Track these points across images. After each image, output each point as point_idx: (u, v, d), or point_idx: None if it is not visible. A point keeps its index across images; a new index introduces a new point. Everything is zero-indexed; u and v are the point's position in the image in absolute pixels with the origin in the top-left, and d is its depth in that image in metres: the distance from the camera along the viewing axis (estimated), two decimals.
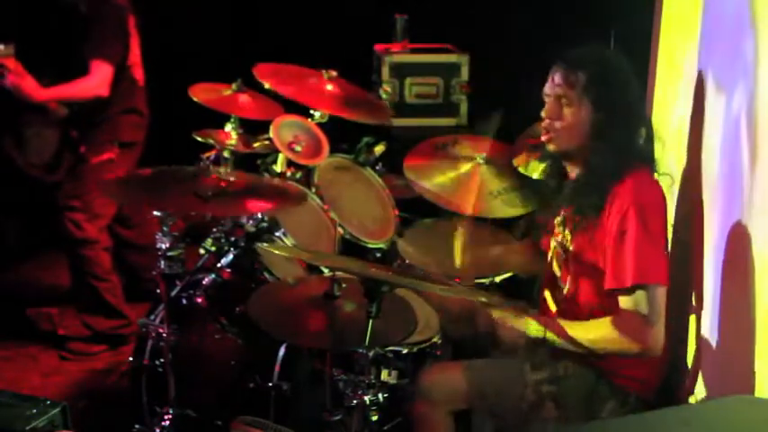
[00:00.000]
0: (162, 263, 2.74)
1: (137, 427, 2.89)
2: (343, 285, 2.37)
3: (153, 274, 2.82)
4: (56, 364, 3.76)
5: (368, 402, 2.33)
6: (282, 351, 2.79)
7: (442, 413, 2.50)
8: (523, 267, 2.86)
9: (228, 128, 3.25)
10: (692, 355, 2.58)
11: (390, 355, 2.69)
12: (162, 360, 2.84)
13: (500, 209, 3.24)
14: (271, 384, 2.76)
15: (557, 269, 2.54)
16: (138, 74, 3.84)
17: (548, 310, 2.58)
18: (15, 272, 4.56)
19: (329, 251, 3.17)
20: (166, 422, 2.80)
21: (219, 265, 3.06)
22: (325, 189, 3.30)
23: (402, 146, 3.51)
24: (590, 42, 2.44)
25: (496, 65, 4.66)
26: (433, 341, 2.76)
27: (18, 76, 3.49)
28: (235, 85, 3.45)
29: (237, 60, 3.44)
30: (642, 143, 2.43)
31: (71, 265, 3.86)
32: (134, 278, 4.11)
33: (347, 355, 2.58)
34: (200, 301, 2.97)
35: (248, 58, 3.44)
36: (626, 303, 2.28)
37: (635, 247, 2.25)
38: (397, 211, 3.45)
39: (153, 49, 3.93)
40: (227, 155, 3.02)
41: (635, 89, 2.43)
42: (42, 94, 3.60)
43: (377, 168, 3.56)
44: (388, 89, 4.68)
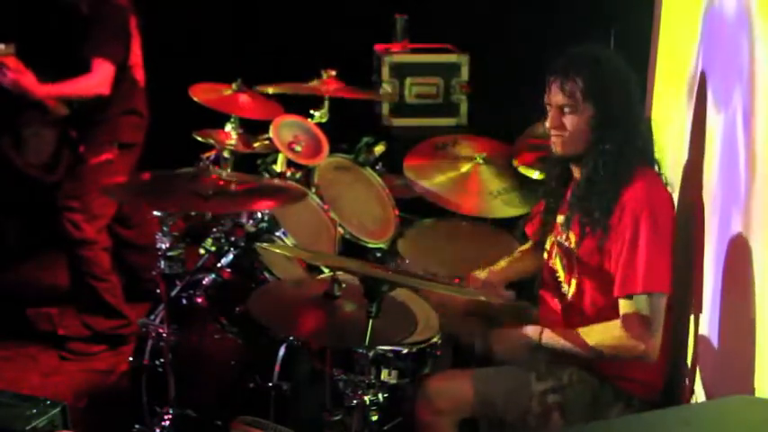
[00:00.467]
0: (162, 263, 2.74)
1: (137, 427, 2.89)
2: (343, 285, 2.37)
3: (153, 274, 2.82)
4: (56, 364, 3.76)
5: (368, 402, 2.33)
6: (282, 351, 2.79)
7: (447, 422, 2.48)
8: (528, 271, 2.85)
9: (228, 128, 3.26)
10: (691, 356, 2.58)
11: (390, 355, 2.68)
12: (162, 360, 2.84)
13: (500, 209, 3.25)
14: (271, 384, 2.75)
15: (559, 269, 2.54)
16: (139, 75, 3.84)
17: (549, 309, 2.58)
18: (15, 272, 4.56)
19: (329, 251, 3.17)
20: (166, 422, 2.80)
21: (219, 265, 3.06)
22: (326, 189, 3.30)
23: (402, 146, 3.52)
24: (587, 43, 2.43)
25: (496, 65, 4.66)
26: (433, 341, 2.76)
27: (18, 74, 3.49)
28: (235, 85, 3.45)
29: (237, 60, 3.45)
30: (643, 142, 2.43)
31: (70, 266, 3.86)
32: (134, 278, 4.11)
33: (347, 355, 2.58)
34: (200, 301, 2.97)
35: (248, 58, 3.45)
36: (627, 308, 2.28)
37: (647, 254, 2.25)
38: (397, 211, 3.45)
39: (153, 50, 3.93)
40: (227, 155, 3.02)
41: (633, 86, 2.42)
42: (43, 90, 3.59)
43: (377, 168, 3.57)
44: (388, 89, 4.69)
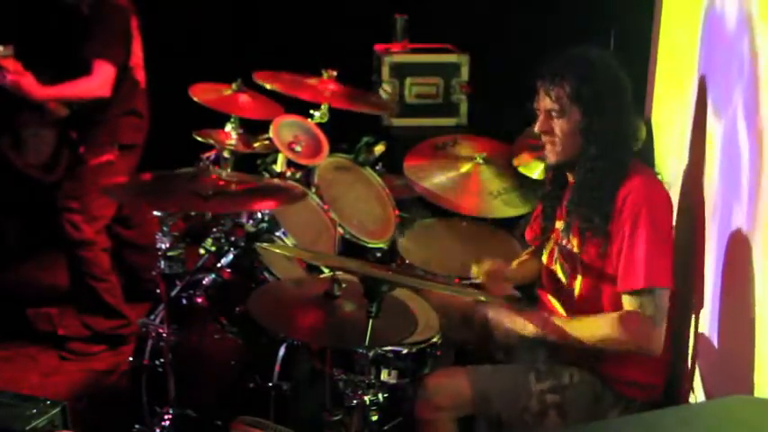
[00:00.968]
0: (162, 263, 2.73)
1: (137, 427, 2.89)
2: (343, 285, 2.37)
3: (153, 274, 2.82)
4: (56, 364, 3.76)
5: (368, 402, 2.33)
6: (282, 351, 2.79)
7: (446, 419, 2.48)
8: (530, 276, 2.85)
9: (228, 128, 3.26)
10: (691, 356, 2.58)
11: (390, 355, 2.68)
12: (162, 360, 2.83)
13: (500, 209, 3.25)
14: (271, 384, 2.75)
15: (561, 274, 2.53)
16: (140, 76, 3.83)
17: (549, 311, 2.58)
18: (15, 272, 4.56)
19: (329, 251, 3.17)
20: (166, 422, 2.80)
21: (219, 265, 3.06)
22: (326, 189, 3.30)
23: (402, 146, 3.52)
24: (580, 45, 2.41)
25: (496, 65, 4.66)
26: (433, 341, 2.76)
27: (17, 75, 3.49)
28: (235, 85, 3.45)
29: (237, 60, 3.44)
30: (639, 142, 2.43)
31: (69, 266, 3.86)
32: (134, 278, 4.11)
33: (347, 355, 2.58)
34: (200, 301, 2.97)
35: (248, 58, 3.45)
36: (631, 304, 2.28)
37: (646, 250, 2.25)
38: (397, 211, 3.45)
39: (153, 50, 3.93)
40: (227, 155, 3.02)
41: (624, 86, 2.39)
42: (42, 92, 3.58)
43: (377, 168, 3.56)
44: (388, 89, 4.68)
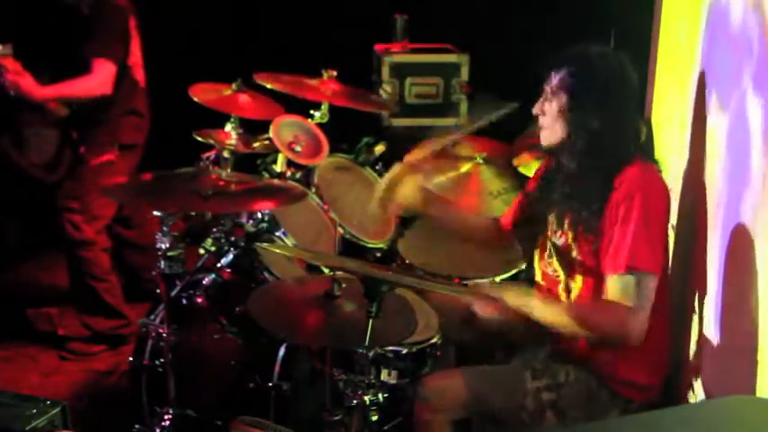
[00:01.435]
0: (162, 263, 2.73)
1: (137, 427, 2.89)
2: (343, 285, 2.37)
3: (153, 274, 2.82)
4: (56, 364, 3.76)
5: (368, 402, 2.33)
6: (282, 351, 2.79)
7: (442, 420, 2.48)
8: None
9: (228, 128, 3.25)
10: (692, 356, 2.58)
11: (390, 355, 2.68)
12: (162, 360, 2.83)
13: (500, 209, 3.25)
14: (271, 384, 2.75)
15: (558, 268, 2.53)
16: (139, 75, 3.84)
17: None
18: (15, 272, 4.56)
19: (329, 251, 3.17)
20: (166, 422, 2.80)
21: (219, 265, 3.06)
22: (326, 189, 3.30)
23: (402, 146, 3.52)
24: (585, 41, 2.42)
25: (496, 65, 4.66)
26: (433, 341, 2.76)
27: (17, 75, 3.49)
28: (235, 85, 3.45)
29: (237, 60, 3.44)
30: (638, 137, 2.42)
31: (69, 266, 3.86)
32: (134, 278, 4.11)
33: (347, 355, 2.58)
34: (200, 301, 2.97)
35: (248, 58, 3.44)
36: (614, 288, 2.26)
37: (634, 233, 2.24)
38: None
39: (153, 50, 3.93)
40: (227, 155, 3.02)
41: (623, 86, 2.39)
42: (42, 92, 3.58)
43: (377, 168, 3.56)
44: (388, 89, 4.68)
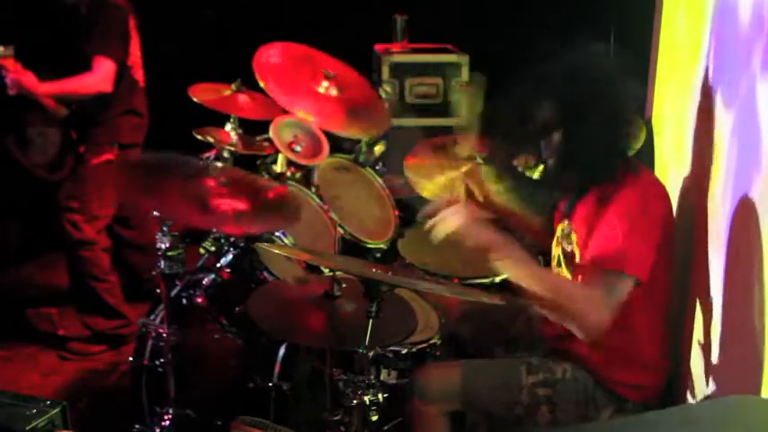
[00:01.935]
0: (162, 263, 2.73)
1: (137, 427, 2.89)
2: (344, 285, 2.37)
3: (153, 274, 2.82)
4: (56, 364, 3.76)
5: (368, 402, 2.33)
6: (282, 351, 2.79)
7: (437, 412, 2.48)
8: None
9: (228, 128, 3.25)
10: (694, 355, 2.57)
11: (390, 355, 2.68)
12: (162, 360, 2.83)
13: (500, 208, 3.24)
14: (271, 384, 2.75)
15: (569, 276, 2.51)
16: (138, 75, 3.84)
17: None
18: (15, 272, 4.56)
19: (329, 251, 3.17)
20: (166, 422, 2.80)
21: (219, 265, 3.06)
22: (325, 189, 3.30)
23: (402, 146, 3.52)
24: (577, 46, 2.38)
25: (496, 65, 4.65)
26: (433, 341, 2.76)
27: (17, 74, 3.50)
28: (235, 85, 3.45)
29: (237, 60, 3.44)
30: (633, 139, 2.41)
31: (69, 266, 3.86)
32: (134, 278, 4.12)
33: (347, 355, 2.58)
34: (200, 301, 2.97)
35: (248, 58, 3.44)
36: (594, 279, 2.25)
37: (627, 235, 2.23)
38: (397, 212, 3.45)
39: (153, 49, 3.93)
40: (226, 155, 3.02)
41: (606, 89, 2.33)
42: (44, 88, 3.59)
43: (377, 168, 3.56)
44: (388, 89, 4.68)
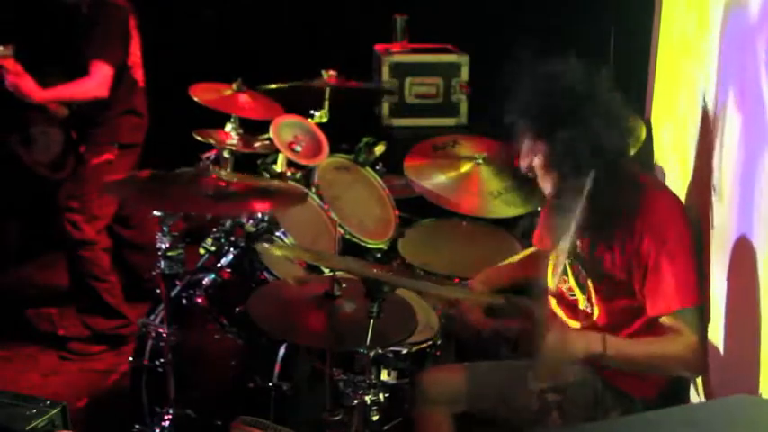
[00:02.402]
0: (162, 263, 2.73)
1: (137, 427, 2.89)
2: (344, 285, 2.37)
3: (153, 274, 2.82)
4: (56, 364, 3.76)
5: (368, 402, 2.33)
6: (282, 351, 2.79)
7: (442, 414, 2.48)
8: (528, 276, 2.82)
9: (228, 128, 3.25)
10: None
11: (390, 355, 2.68)
12: (162, 360, 2.83)
13: (500, 209, 3.25)
14: (271, 384, 2.75)
15: (575, 289, 2.48)
16: (139, 75, 3.84)
17: (563, 325, 2.51)
18: (15, 272, 4.56)
19: (329, 251, 3.17)
20: (166, 422, 2.80)
21: (219, 265, 3.06)
22: (325, 189, 3.30)
23: (402, 146, 3.52)
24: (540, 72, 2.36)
25: (496, 65, 4.65)
26: (433, 341, 2.76)
27: (17, 77, 3.49)
28: (235, 85, 3.45)
29: (237, 60, 3.44)
30: (632, 142, 2.40)
31: (70, 266, 3.86)
32: (134, 278, 4.11)
33: (347, 355, 2.58)
34: (200, 301, 2.97)
35: (248, 58, 3.44)
36: (671, 326, 2.25)
37: (674, 273, 2.23)
38: (397, 212, 3.45)
39: (153, 49, 3.93)
40: (227, 155, 3.02)
41: (596, 100, 2.28)
42: (41, 95, 3.59)
43: (377, 168, 3.56)
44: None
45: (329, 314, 2.36)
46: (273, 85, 3.42)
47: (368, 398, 2.32)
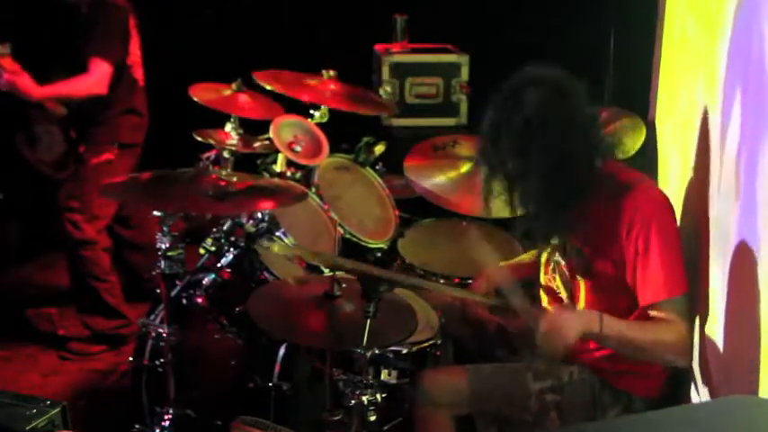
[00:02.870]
0: (162, 263, 2.73)
1: (137, 427, 2.89)
2: (343, 285, 2.37)
3: (153, 274, 2.82)
4: (56, 364, 3.76)
5: (367, 402, 2.33)
6: (282, 351, 2.79)
7: (444, 417, 2.48)
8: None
9: (228, 128, 3.25)
10: (696, 355, 2.57)
11: (390, 355, 2.68)
12: (162, 360, 2.83)
13: (500, 209, 3.24)
14: (271, 384, 2.75)
15: (560, 286, 2.50)
16: (138, 74, 3.84)
17: (562, 306, 2.52)
18: (15, 272, 4.56)
19: (329, 251, 3.17)
20: (166, 422, 2.80)
21: (219, 265, 3.06)
22: (325, 189, 3.30)
23: (402, 146, 3.52)
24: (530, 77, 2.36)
25: (496, 65, 4.65)
26: (433, 341, 2.76)
27: (13, 74, 3.49)
28: (235, 85, 3.45)
29: (237, 60, 3.44)
30: (602, 144, 2.39)
31: (70, 266, 3.86)
32: (134, 278, 4.11)
33: (347, 355, 2.58)
34: (200, 301, 2.97)
35: (248, 58, 3.44)
36: (658, 315, 2.27)
37: (661, 262, 2.25)
38: (397, 212, 3.45)
39: (153, 49, 3.93)
40: (227, 155, 3.02)
41: (553, 115, 2.28)
42: (39, 92, 3.59)
43: (377, 168, 3.56)
44: (388, 89, 4.68)
45: (329, 314, 2.36)
46: (268, 86, 3.41)
47: (365, 398, 2.32)
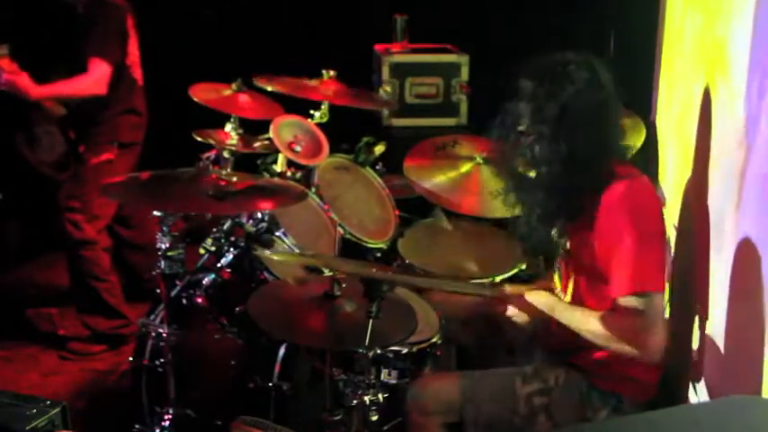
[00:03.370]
0: (162, 263, 2.73)
1: (137, 427, 2.89)
2: (344, 285, 2.37)
3: (153, 274, 2.82)
4: (56, 364, 3.76)
5: (368, 402, 2.33)
6: (282, 351, 2.79)
7: (434, 423, 2.47)
8: None
9: (228, 128, 3.25)
10: (696, 355, 2.57)
11: (390, 355, 2.68)
12: (162, 360, 2.83)
13: (500, 209, 3.24)
14: (271, 384, 2.75)
15: (557, 284, 2.51)
16: (137, 74, 3.84)
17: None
18: (15, 272, 4.56)
19: (329, 251, 3.17)
20: (166, 422, 2.80)
21: (219, 265, 3.06)
22: (325, 189, 3.30)
23: (402, 146, 3.52)
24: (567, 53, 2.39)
25: (496, 65, 4.65)
26: (433, 341, 2.76)
27: (11, 74, 3.50)
28: (235, 85, 3.45)
29: (237, 60, 3.44)
30: (616, 145, 2.39)
31: (70, 266, 3.86)
32: (134, 278, 4.11)
33: (347, 355, 2.57)
34: (200, 301, 2.97)
35: (248, 58, 3.44)
36: (625, 309, 2.23)
37: (632, 257, 2.22)
38: (397, 212, 3.44)
39: (153, 49, 3.93)
40: (227, 155, 3.02)
41: (583, 98, 2.30)
42: (38, 91, 3.59)
43: (377, 168, 3.56)
44: (388, 89, 4.68)
45: (329, 314, 2.36)
46: (269, 87, 3.41)
47: (367, 398, 2.32)
